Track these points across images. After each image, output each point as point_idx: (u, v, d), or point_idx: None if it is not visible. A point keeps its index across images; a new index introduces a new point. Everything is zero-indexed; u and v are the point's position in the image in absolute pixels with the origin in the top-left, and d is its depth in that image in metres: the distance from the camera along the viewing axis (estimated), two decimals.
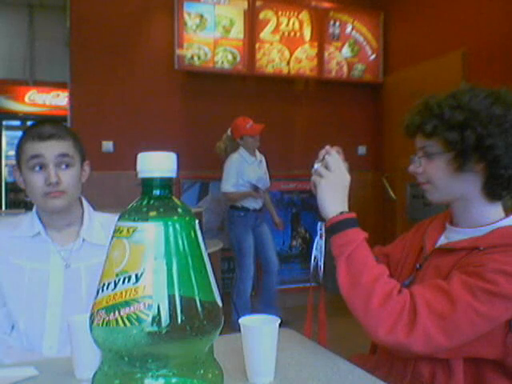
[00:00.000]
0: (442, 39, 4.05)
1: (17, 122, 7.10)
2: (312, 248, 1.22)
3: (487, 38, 3.61)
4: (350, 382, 0.92)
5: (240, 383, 0.91)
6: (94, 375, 0.57)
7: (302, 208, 4.69)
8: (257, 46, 4.35)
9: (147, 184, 0.58)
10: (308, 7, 4.55)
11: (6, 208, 6.75)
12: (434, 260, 1.13)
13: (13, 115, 6.85)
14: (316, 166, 1.15)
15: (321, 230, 1.18)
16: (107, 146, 4.15)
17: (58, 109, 6.66)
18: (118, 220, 0.57)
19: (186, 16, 4.12)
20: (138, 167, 0.59)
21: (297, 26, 4.50)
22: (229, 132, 3.82)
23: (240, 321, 0.93)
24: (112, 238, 0.57)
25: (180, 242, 0.56)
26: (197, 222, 0.59)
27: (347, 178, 1.14)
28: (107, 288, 0.54)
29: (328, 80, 4.66)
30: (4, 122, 6.93)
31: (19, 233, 1.36)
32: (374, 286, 1.00)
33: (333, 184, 1.12)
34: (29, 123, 6.29)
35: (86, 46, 4.09)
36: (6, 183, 6.89)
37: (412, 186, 4.22)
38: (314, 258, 1.22)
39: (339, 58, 4.67)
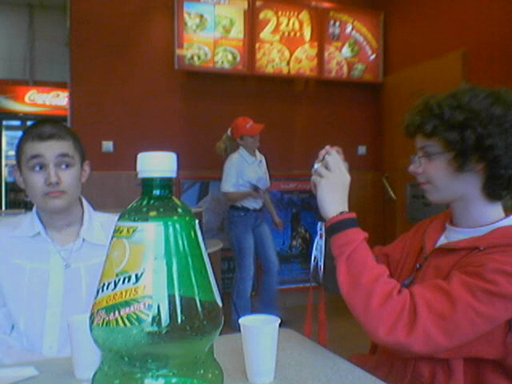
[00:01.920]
0: (442, 39, 4.05)
1: (17, 122, 7.09)
2: (312, 248, 1.22)
3: (487, 38, 3.61)
4: (350, 382, 0.92)
5: (240, 383, 0.91)
6: (94, 375, 0.57)
7: (301, 208, 4.69)
8: (257, 45, 4.35)
9: (147, 184, 0.58)
10: (308, 7, 4.56)
11: (6, 208, 6.75)
12: (433, 260, 1.13)
13: (13, 115, 6.85)
14: (316, 165, 1.15)
15: (321, 229, 1.18)
16: (107, 146, 4.16)
17: (58, 109, 6.66)
18: (118, 220, 0.57)
19: (185, 16, 4.12)
20: (138, 167, 0.59)
21: (297, 26, 4.50)
22: (229, 132, 3.82)
23: (240, 321, 0.93)
24: (112, 238, 0.57)
25: (180, 242, 0.56)
26: (197, 221, 0.59)
27: (347, 177, 1.14)
28: (107, 288, 0.54)
29: (328, 80, 4.66)
30: (4, 122, 6.93)
31: (19, 233, 1.36)
32: (374, 286, 1.00)
33: (333, 184, 1.12)
34: (29, 123, 6.29)
35: (86, 45, 4.09)
36: (6, 183, 6.89)
37: (412, 185, 4.22)
38: (314, 258, 1.22)
39: (339, 57, 4.67)
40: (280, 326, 0.93)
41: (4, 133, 6.92)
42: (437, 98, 1.11)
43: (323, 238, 1.18)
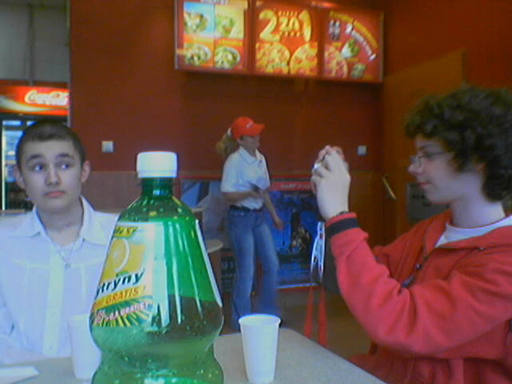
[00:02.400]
0: (442, 39, 4.05)
1: (17, 122, 7.09)
2: (312, 248, 1.22)
3: (487, 38, 3.61)
4: (349, 381, 0.92)
5: (240, 383, 0.91)
6: (94, 375, 0.57)
7: (301, 208, 4.69)
8: (257, 45, 4.35)
9: (147, 184, 0.58)
10: (308, 7, 4.56)
11: (6, 208, 6.75)
12: (433, 260, 1.13)
13: (13, 115, 6.85)
14: (316, 165, 1.15)
15: (321, 229, 1.18)
16: (107, 146, 4.16)
17: (58, 109, 6.66)
18: (118, 220, 0.57)
19: (185, 16, 4.12)
20: (138, 167, 0.58)
21: (297, 26, 4.50)
22: (229, 132, 3.82)
23: (240, 321, 0.93)
24: (112, 238, 0.57)
25: (180, 242, 0.56)
26: (197, 221, 0.59)
27: (347, 177, 1.14)
28: (107, 288, 0.54)
29: (328, 80, 4.66)
30: (4, 122, 6.92)
31: (19, 233, 1.36)
32: (374, 286, 1.00)
33: (333, 184, 1.12)
34: (29, 123, 6.29)
35: (86, 46, 4.09)
36: (6, 183, 6.89)
37: (412, 185, 4.22)
38: (314, 258, 1.22)
39: (339, 57, 4.67)
40: (280, 325, 0.93)
41: (4, 133, 6.92)
42: (437, 98, 1.11)
43: (323, 238, 1.18)
